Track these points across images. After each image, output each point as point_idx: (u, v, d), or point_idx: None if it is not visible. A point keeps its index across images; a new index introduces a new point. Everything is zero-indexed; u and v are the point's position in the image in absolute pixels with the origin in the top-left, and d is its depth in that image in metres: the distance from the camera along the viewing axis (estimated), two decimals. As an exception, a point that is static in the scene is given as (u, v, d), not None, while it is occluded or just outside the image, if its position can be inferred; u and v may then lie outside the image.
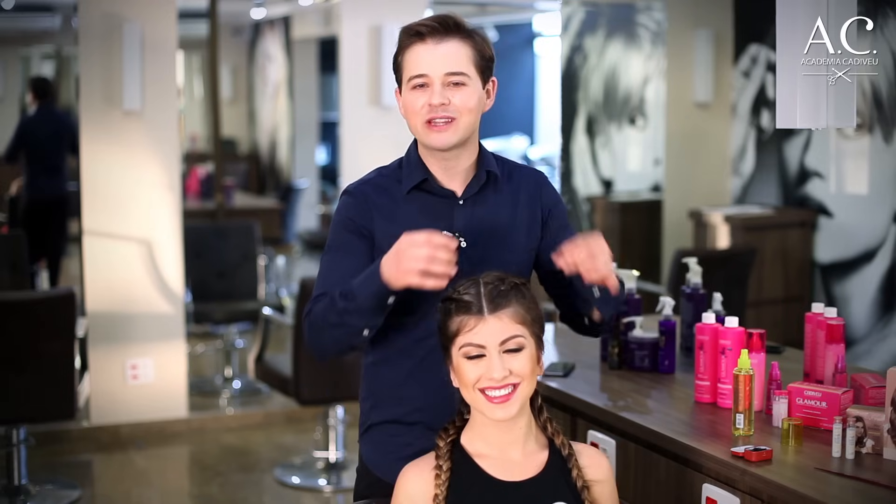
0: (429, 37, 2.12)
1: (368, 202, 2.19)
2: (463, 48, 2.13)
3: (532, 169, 2.34)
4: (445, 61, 2.12)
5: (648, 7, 6.61)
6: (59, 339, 4.24)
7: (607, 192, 6.72)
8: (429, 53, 2.12)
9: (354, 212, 2.19)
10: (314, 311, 2.15)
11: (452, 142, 2.15)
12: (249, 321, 6.47)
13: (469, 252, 2.16)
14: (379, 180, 2.23)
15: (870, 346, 5.52)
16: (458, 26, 2.14)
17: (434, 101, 2.11)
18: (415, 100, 2.14)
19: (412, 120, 2.16)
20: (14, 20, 8.66)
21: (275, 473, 4.93)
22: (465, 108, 2.14)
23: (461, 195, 2.20)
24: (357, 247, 2.17)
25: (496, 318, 1.95)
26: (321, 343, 2.17)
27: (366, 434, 2.27)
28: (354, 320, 2.08)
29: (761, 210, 6.15)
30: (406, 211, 2.18)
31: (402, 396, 2.20)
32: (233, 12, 9.43)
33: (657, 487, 2.53)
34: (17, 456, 4.55)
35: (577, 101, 6.59)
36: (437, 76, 2.12)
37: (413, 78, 2.13)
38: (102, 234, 5.34)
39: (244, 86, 10.85)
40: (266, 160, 10.52)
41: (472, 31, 2.17)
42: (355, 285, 2.07)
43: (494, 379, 1.92)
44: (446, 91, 2.12)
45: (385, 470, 2.19)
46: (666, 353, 2.99)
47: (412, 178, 2.19)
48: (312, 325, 2.15)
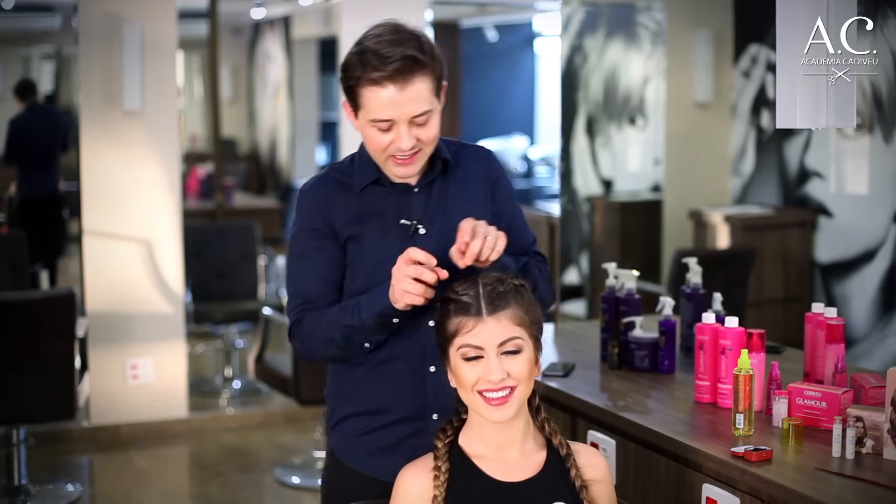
0: (390, 82, 2.05)
1: (328, 202, 2.20)
2: (425, 84, 2.08)
3: (477, 146, 2.35)
4: (412, 106, 2.07)
5: (648, 7, 6.61)
6: (59, 339, 4.24)
7: (607, 192, 6.72)
8: (392, 98, 2.06)
9: (314, 213, 2.20)
10: (305, 322, 2.18)
11: (417, 171, 2.17)
12: (249, 321, 6.47)
13: (427, 237, 2.18)
14: (334, 175, 2.23)
15: (870, 346, 5.51)
16: (417, 60, 2.06)
17: (404, 145, 2.09)
18: (379, 137, 2.10)
19: (375, 153, 2.14)
20: (14, 20, 8.66)
21: (275, 473, 4.94)
22: (430, 138, 2.13)
23: (415, 184, 2.21)
24: (324, 248, 2.19)
25: (495, 320, 1.95)
26: (315, 352, 2.22)
27: (336, 427, 2.28)
28: (358, 336, 2.12)
29: (761, 210, 6.15)
30: (363, 205, 2.20)
31: (367, 391, 2.22)
32: (233, 12, 9.43)
33: (657, 487, 2.53)
34: (17, 456, 4.55)
35: (577, 101, 6.59)
36: (403, 119, 2.08)
37: (378, 121, 2.09)
38: (102, 234, 5.34)
39: (244, 86, 10.85)
40: (266, 160, 10.51)
41: (430, 52, 2.09)
42: (363, 301, 2.11)
43: (492, 381, 1.92)
44: (412, 130, 2.10)
45: (361, 462, 2.23)
46: (666, 353, 2.99)
47: (364, 177, 2.21)
48: (306, 336, 2.19)
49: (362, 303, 2.11)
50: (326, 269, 2.19)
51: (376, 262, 2.16)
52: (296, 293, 2.21)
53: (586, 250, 6.69)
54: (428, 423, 2.19)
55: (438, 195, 2.22)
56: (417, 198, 2.21)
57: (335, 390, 2.28)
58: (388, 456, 2.19)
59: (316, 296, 2.18)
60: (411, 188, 2.21)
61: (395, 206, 2.20)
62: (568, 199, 6.58)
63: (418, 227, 2.18)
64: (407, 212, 2.20)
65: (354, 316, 2.10)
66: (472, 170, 2.27)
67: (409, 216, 2.19)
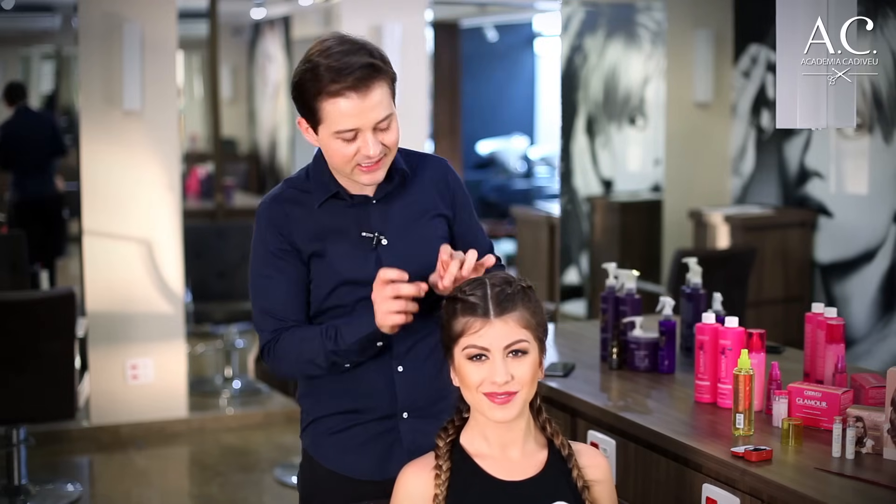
0: (352, 92, 2.05)
1: (288, 219, 2.20)
2: (383, 89, 2.08)
3: (435, 157, 2.36)
4: (374, 112, 2.07)
5: (648, 7, 6.61)
6: (59, 339, 4.24)
7: (607, 192, 6.72)
8: (356, 108, 2.06)
9: (274, 232, 2.19)
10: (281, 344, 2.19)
11: (383, 176, 2.17)
12: (249, 321, 6.46)
13: (390, 248, 2.19)
14: (290, 193, 2.23)
15: (870, 346, 5.51)
16: (374, 66, 2.06)
17: (371, 152, 2.08)
18: (345, 149, 2.10)
19: (341, 164, 2.13)
20: (14, 20, 8.66)
21: (275, 473, 4.94)
22: (394, 142, 2.14)
23: (373, 196, 2.22)
24: (288, 269, 2.19)
25: (502, 322, 1.94)
26: (290, 372, 2.25)
27: (309, 428, 2.29)
28: (339, 359, 2.14)
29: (761, 210, 6.15)
30: (323, 221, 2.19)
31: (338, 393, 2.23)
32: (233, 12, 9.43)
33: (657, 487, 2.53)
34: (17, 456, 4.56)
35: (577, 101, 6.59)
36: (367, 127, 2.08)
37: (342, 132, 2.08)
38: (102, 234, 5.35)
39: (244, 86, 10.85)
40: (266, 160, 10.51)
41: (381, 58, 2.10)
42: (343, 328, 2.12)
43: (496, 383, 1.92)
44: (377, 136, 2.09)
45: (334, 461, 2.24)
46: (666, 353, 2.99)
47: (322, 192, 2.20)
48: (281, 358, 2.20)
49: (343, 329, 2.12)
50: (292, 286, 2.19)
51: (343, 275, 2.17)
52: (264, 314, 2.21)
53: (586, 250, 6.69)
54: (398, 421, 2.22)
55: (397, 205, 2.22)
56: (376, 209, 2.21)
57: (306, 393, 2.29)
58: (361, 454, 2.21)
59: (286, 315, 2.19)
60: (370, 200, 2.21)
61: (355, 219, 2.20)
62: (568, 199, 6.58)
63: (381, 239, 2.19)
64: (367, 224, 2.20)
65: (338, 342, 2.12)
66: (429, 178, 2.28)
67: (369, 228, 2.20)
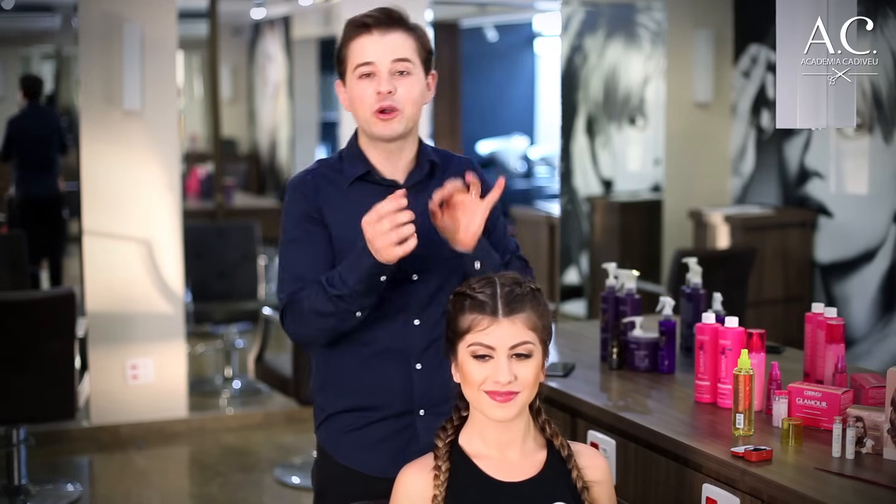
0: (374, 28, 2.17)
1: (317, 191, 2.23)
2: (407, 39, 2.20)
3: (464, 157, 2.40)
4: (391, 49, 2.17)
5: (648, 7, 6.61)
6: (59, 339, 4.24)
7: (607, 192, 6.72)
8: (375, 43, 2.17)
9: (306, 201, 2.23)
10: (297, 301, 2.16)
11: (399, 131, 2.20)
12: (249, 321, 6.47)
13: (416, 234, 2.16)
14: (323, 170, 2.27)
15: (870, 346, 5.52)
16: (402, 19, 2.21)
17: (382, 88, 2.16)
18: (362, 89, 2.19)
19: (359, 110, 2.21)
20: (14, 20, 8.66)
21: (275, 473, 4.94)
22: (410, 98, 2.19)
23: (404, 183, 2.24)
24: (316, 234, 2.22)
25: (510, 322, 1.94)
26: (308, 332, 2.19)
27: (324, 424, 2.29)
28: (347, 304, 2.10)
29: (761, 210, 6.15)
30: (351, 200, 2.22)
31: (354, 388, 2.23)
32: (233, 12, 9.43)
33: (657, 487, 2.53)
34: (17, 456, 4.55)
35: (577, 101, 6.59)
36: (383, 64, 2.17)
37: (359, 66, 2.18)
38: (102, 234, 5.34)
39: (244, 86, 10.85)
40: (266, 160, 10.51)
41: (416, 24, 2.24)
42: (343, 270, 2.10)
43: (499, 382, 1.92)
44: (393, 80, 2.17)
45: (349, 457, 2.24)
46: (666, 353, 2.99)
47: (354, 169, 2.24)
48: (297, 315, 2.17)
49: (343, 271, 2.10)
50: (320, 252, 2.20)
51: None
52: (290, 278, 2.21)
53: (586, 250, 6.69)
54: (415, 419, 2.22)
55: (425, 196, 2.23)
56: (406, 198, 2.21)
57: (322, 388, 2.29)
58: (377, 451, 2.21)
59: (311, 278, 2.17)
60: (399, 187, 2.22)
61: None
62: (568, 199, 6.58)
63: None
64: None
65: (340, 285, 2.09)
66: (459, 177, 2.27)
67: None
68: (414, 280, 2.20)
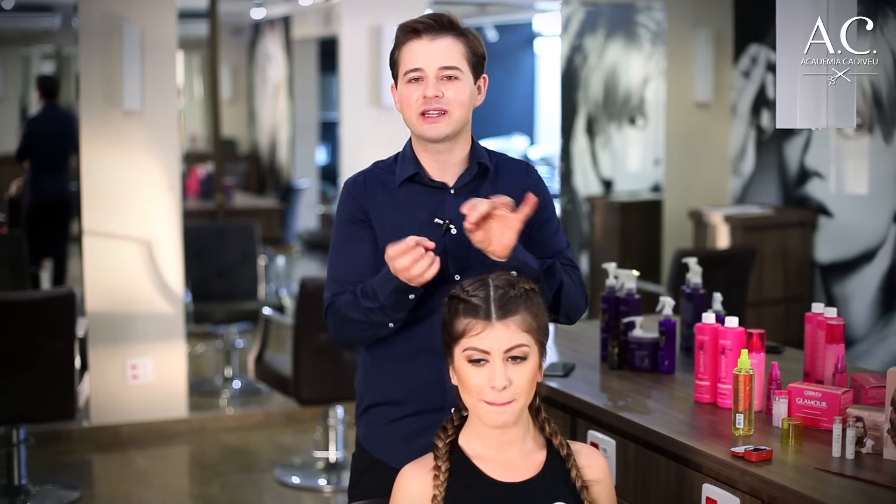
0: (424, 33, 2.22)
1: (365, 192, 2.29)
2: (456, 45, 2.24)
3: (519, 160, 2.43)
4: (439, 56, 2.22)
5: (648, 7, 6.61)
6: (59, 339, 4.24)
7: (607, 192, 6.72)
8: (424, 49, 2.22)
9: (354, 203, 2.29)
10: (337, 305, 2.25)
11: (445, 133, 2.23)
12: (249, 321, 6.47)
13: (458, 238, 2.23)
14: (376, 172, 2.33)
15: (870, 346, 5.51)
16: (453, 24, 2.25)
17: (428, 93, 2.20)
18: (410, 93, 2.23)
19: (407, 112, 2.25)
20: (14, 20, 8.67)
21: (275, 473, 4.94)
22: (458, 101, 2.23)
23: (452, 185, 2.28)
24: (363, 236, 2.27)
25: (503, 326, 1.94)
26: (346, 335, 2.29)
27: (363, 415, 2.36)
28: (379, 317, 2.19)
29: (761, 210, 6.15)
30: (399, 201, 2.27)
31: (394, 380, 2.28)
32: (233, 12, 9.44)
33: (657, 487, 2.53)
34: (17, 456, 4.55)
35: (577, 101, 6.59)
36: (431, 70, 2.21)
37: (409, 72, 2.23)
38: (102, 234, 5.34)
39: (244, 86, 10.85)
40: (266, 160, 10.51)
41: (466, 29, 2.27)
42: (376, 284, 2.17)
43: (495, 388, 1.92)
44: (440, 84, 2.21)
45: (381, 451, 2.30)
46: (666, 353, 2.99)
47: (405, 171, 2.29)
48: (336, 318, 2.26)
49: (375, 284, 2.17)
50: (362, 255, 2.26)
51: None
52: (335, 280, 2.28)
53: (586, 250, 6.69)
54: (446, 415, 2.21)
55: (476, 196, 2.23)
56: (453, 199, 2.26)
57: (363, 379, 2.36)
58: (407, 446, 2.23)
59: (351, 279, 2.25)
60: (448, 189, 2.28)
61: (431, 204, 2.27)
62: (568, 199, 6.58)
63: (451, 227, 2.24)
64: (441, 211, 2.26)
65: (372, 298, 2.17)
66: (512, 181, 2.33)
67: (442, 215, 2.25)
68: (456, 280, 2.22)
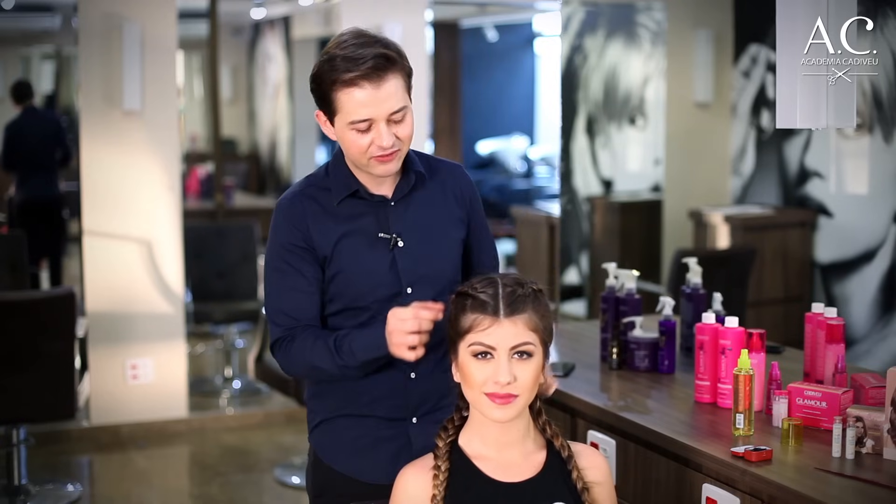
0: (365, 81, 2.08)
1: (305, 217, 2.20)
2: (398, 80, 2.12)
3: (451, 162, 2.38)
4: (387, 102, 2.10)
5: (648, 7, 6.61)
6: (59, 339, 4.24)
7: (607, 192, 6.72)
8: (370, 98, 2.09)
9: (294, 231, 2.20)
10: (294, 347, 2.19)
11: (397, 168, 2.19)
12: (249, 321, 6.47)
13: (406, 250, 2.21)
14: (309, 190, 2.24)
15: (870, 346, 5.51)
16: (388, 58, 2.10)
17: (385, 143, 2.11)
18: (357, 139, 2.12)
19: (356, 156, 2.15)
20: (14, 20, 8.67)
21: (275, 473, 4.94)
22: (408, 136, 2.16)
23: (391, 197, 2.23)
24: (304, 265, 2.20)
25: (511, 323, 1.94)
26: (304, 375, 2.28)
27: (317, 429, 2.31)
28: (352, 372, 2.16)
29: (761, 210, 6.15)
30: (340, 219, 2.21)
31: (351, 391, 2.24)
32: (233, 12, 9.44)
33: (657, 487, 2.53)
34: (17, 456, 4.56)
35: (577, 101, 6.59)
36: (381, 118, 2.11)
37: (356, 122, 2.11)
38: (102, 234, 5.34)
39: (244, 86, 10.85)
40: (266, 160, 10.52)
41: (396, 51, 2.13)
42: (355, 345, 2.13)
43: (499, 383, 1.92)
44: (391, 128, 2.12)
45: (342, 463, 2.26)
46: (666, 353, 2.99)
47: (341, 189, 2.22)
48: (292, 359, 2.21)
49: (355, 346, 2.13)
50: (308, 285, 2.20)
51: (359, 276, 2.19)
52: (279, 312, 2.21)
53: (586, 250, 6.69)
54: (408, 426, 2.23)
55: (415, 208, 2.24)
56: (395, 211, 2.23)
57: (315, 393, 2.31)
58: (370, 457, 2.23)
59: (300, 315, 2.20)
60: (388, 201, 2.23)
61: (374, 219, 2.22)
62: (568, 199, 6.58)
63: (398, 241, 2.20)
64: (385, 225, 2.21)
65: (348, 356, 2.13)
66: (447, 184, 2.30)
67: (387, 230, 2.21)
68: (409, 293, 2.20)
